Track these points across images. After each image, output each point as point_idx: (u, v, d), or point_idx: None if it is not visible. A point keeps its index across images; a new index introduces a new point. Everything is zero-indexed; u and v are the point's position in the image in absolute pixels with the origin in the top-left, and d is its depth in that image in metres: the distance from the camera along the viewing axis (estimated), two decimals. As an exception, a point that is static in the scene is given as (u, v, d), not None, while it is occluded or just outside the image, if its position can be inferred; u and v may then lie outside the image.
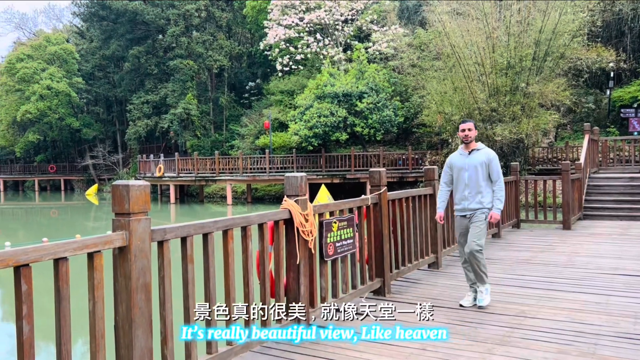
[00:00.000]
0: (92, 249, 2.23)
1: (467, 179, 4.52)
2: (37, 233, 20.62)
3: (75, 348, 2.12)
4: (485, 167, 4.49)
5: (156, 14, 33.90)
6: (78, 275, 2.58)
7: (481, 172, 4.48)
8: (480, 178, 4.49)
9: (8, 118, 39.92)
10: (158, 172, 28.47)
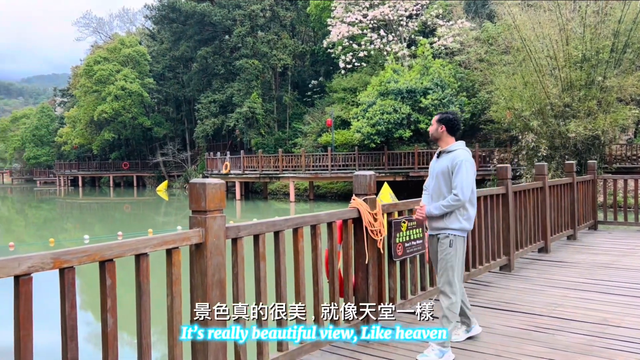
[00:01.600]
0: (171, 245, 2.29)
1: (432, 189, 3.59)
2: (112, 227, 21.74)
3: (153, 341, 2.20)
4: (447, 176, 3.43)
5: (223, 15, 34.79)
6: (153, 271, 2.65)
7: (443, 181, 3.46)
8: (443, 189, 3.46)
9: (86, 117, 42.32)
10: (224, 170, 29.24)
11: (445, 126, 3.51)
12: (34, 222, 26.34)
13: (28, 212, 31.79)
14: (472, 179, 3.45)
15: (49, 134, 58.29)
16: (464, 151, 3.48)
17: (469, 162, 3.42)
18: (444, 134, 3.52)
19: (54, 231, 21.88)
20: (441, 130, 3.53)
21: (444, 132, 3.52)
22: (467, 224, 3.46)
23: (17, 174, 67.94)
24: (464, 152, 3.47)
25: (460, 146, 3.51)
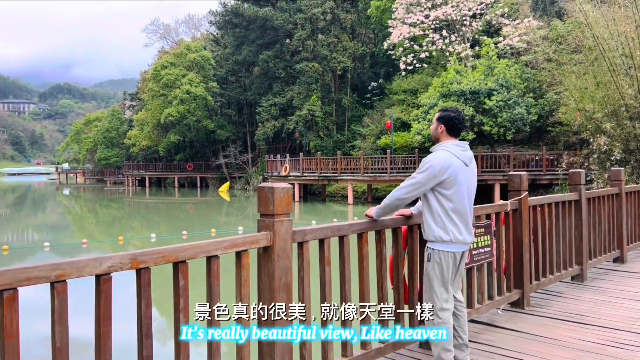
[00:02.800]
0: (240, 248, 2.33)
1: None
2: (177, 226, 22.53)
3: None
4: None
5: (284, 19, 35.30)
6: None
7: None
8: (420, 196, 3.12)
9: (153, 120, 44.11)
10: (284, 172, 29.64)
11: (444, 125, 3.09)
12: (104, 220, 27.72)
13: (99, 210, 33.50)
14: (423, 179, 2.96)
15: (118, 136, 61.20)
16: (441, 152, 3.02)
17: (430, 163, 2.97)
18: (444, 134, 3.10)
19: (123, 229, 22.94)
20: (440, 130, 3.11)
21: (443, 132, 3.10)
22: (442, 233, 2.98)
23: (89, 174, 71.72)
24: (438, 153, 3.03)
25: (443, 147, 3.04)
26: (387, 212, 3.09)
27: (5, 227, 25.65)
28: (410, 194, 3.00)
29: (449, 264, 3.02)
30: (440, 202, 3.01)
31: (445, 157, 2.99)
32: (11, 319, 1.64)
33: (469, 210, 3.10)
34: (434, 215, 3.03)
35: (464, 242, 3.06)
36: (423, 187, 2.99)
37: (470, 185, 3.11)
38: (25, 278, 1.67)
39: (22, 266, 1.68)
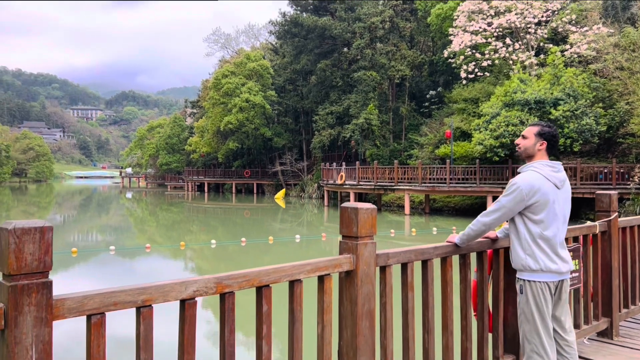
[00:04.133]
0: (323, 271, 2.21)
1: None
2: (234, 231, 22.87)
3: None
4: None
5: (343, 28, 35.39)
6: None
7: None
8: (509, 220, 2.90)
9: (213, 128, 45.22)
10: (339, 180, 29.56)
11: (547, 142, 2.84)
12: (164, 223, 28.54)
13: (159, 214, 34.57)
14: (509, 203, 2.73)
15: (179, 143, 63.18)
16: (530, 173, 2.76)
17: (517, 185, 2.72)
18: (541, 152, 2.84)
19: (182, 232, 23.52)
20: (540, 146, 2.84)
21: (542, 150, 2.84)
22: (531, 261, 2.74)
23: (151, 179, 74.40)
24: (526, 174, 2.77)
25: (532, 167, 2.79)
26: (471, 239, 2.90)
27: (73, 228, 26.90)
28: (497, 220, 2.80)
29: (543, 296, 2.76)
30: (529, 227, 2.78)
31: (534, 179, 2.75)
32: (98, 345, 1.59)
33: (562, 236, 2.84)
34: (522, 242, 2.81)
35: (557, 272, 2.79)
36: (510, 211, 2.78)
37: (564, 209, 2.85)
38: (113, 303, 1.61)
39: (109, 290, 1.62)
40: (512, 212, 2.79)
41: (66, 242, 19.82)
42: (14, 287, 1.41)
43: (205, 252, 15.67)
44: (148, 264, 14.23)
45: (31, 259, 1.44)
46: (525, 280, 2.81)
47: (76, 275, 12.54)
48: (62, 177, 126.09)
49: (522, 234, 2.80)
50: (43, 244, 1.46)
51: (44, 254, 1.46)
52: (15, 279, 1.42)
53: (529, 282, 2.80)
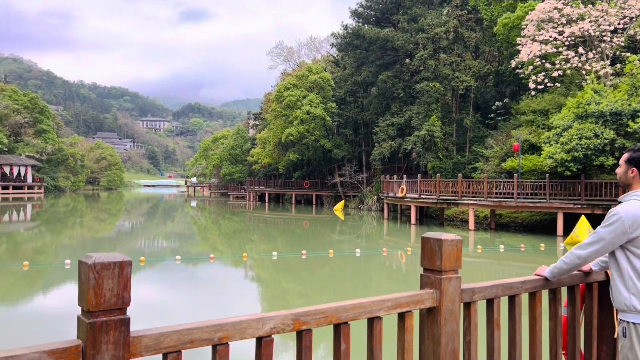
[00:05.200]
0: (404, 308, 2.06)
1: None
2: (293, 242, 22.98)
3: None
4: None
5: (405, 39, 35.08)
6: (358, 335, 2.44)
7: None
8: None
9: (275, 139, 45.93)
10: (400, 193, 29.11)
11: (636, 168, 2.60)
12: (226, 232, 29.12)
13: (222, 223, 35.36)
14: (609, 235, 2.47)
15: (242, 153, 64.63)
16: (632, 202, 2.52)
17: (618, 216, 2.47)
18: (636, 179, 2.60)
19: (243, 241, 23.89)
20: (632, 174, 2.61)
21: (635, 177, 2.60)
22: (636, 301, 2.47)
23: (215, 188, 76.45)
24: (628, 204, 2.52)
25: (635, 196, 2.54)
26: (564, 273, 2.65)
27: (141, 234, 27.96)
28: (594, 253, 2.55)
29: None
30: (632, 263, 2.51)
31: (638, 209, 2.50)
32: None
33: None
34: (625, 279, 2.53)
35: None
36: (609, 244, 2.52)
37: None
38: (189, 340, 1.54)
39: (186, 327, 1.55)
40: (612, 245, 2.53)
41: (135, 249, 20.59)
42: (93, 325, 1.36)
43: (267, 263, 15.78)
44: (212, 275, 14.47)
45: (110, 294, 1.38)
46: (630, 323, 2.52)
47: (144, 285, 12.92)
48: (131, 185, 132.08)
49: (625, 270, 2.53)
50: (122, 279, 1.40)
51: (122, 290, 1.41)
52: (94, 316, 1.37)
53: (634, 324, 2.50)
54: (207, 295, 11.66)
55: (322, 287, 12.60)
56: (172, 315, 9.65)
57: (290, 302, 11.15)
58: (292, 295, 11.84)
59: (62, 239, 23.81)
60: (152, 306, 10.22)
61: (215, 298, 11.38)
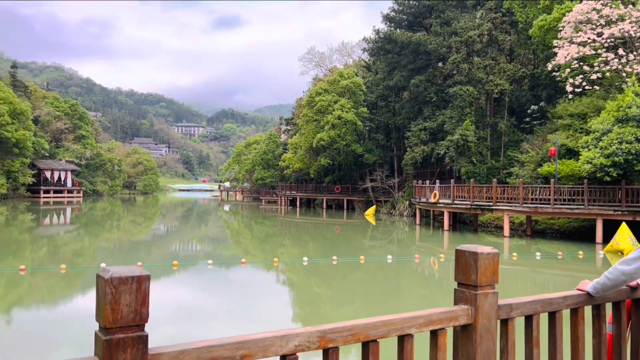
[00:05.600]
0: (437, 325, 1.95)
1: None
2: (324, 247, 22.90)
3: None
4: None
5: (438, 43, 34.70)
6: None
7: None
8: None
9: (306, 144, 46.04)
10: (433, 198, 28.70)
11: None
12: (258, 236, 29.28)
13: (254, 227, 35.59)
14: None
15: (274, 158, 65.04)
16: None
17: None
18: None
19: (274, 246, 23.96)
20: None
21: None
22: None
23: (247, 193, 77.12)
24: None
25: None
26: (607, 290, 2.49)
27: (175, 238, 28.39)
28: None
29: None
30: None
31: None
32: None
33: None
34: None
35: None
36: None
37: None
38: (210, 358, 1.48)
39: (207, 344, 1.49)
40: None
41: (169, 252, 20.90)
42: (109, 342, 1.31)
43: (298, 268, 15.74)
44: (243, 280, 14.52)
45: (127, 310, 1.33)
46: None
47: (176, 289, 13.05)
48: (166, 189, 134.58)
49: None
50: (140, 294, 1.35)
51: (140, 306, 1.35)
52: (110, 332, 1.32)
53: None
54: (236, 300, 11.68)
55: (353, 294, 12.47)
56: (200, 320, 9.69)
57: (320, 308, 11.07)
58: (322, 301, 11.76)
59: (100, 242, 24.36)
60: (181, 310, 10.29)
61: (245, 303, 11.39)
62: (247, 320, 9.84)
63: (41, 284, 13.10)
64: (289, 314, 10.78)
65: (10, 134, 57.04)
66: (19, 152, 59.72)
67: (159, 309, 9.99)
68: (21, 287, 12.79)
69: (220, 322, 9.59)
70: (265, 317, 10.15)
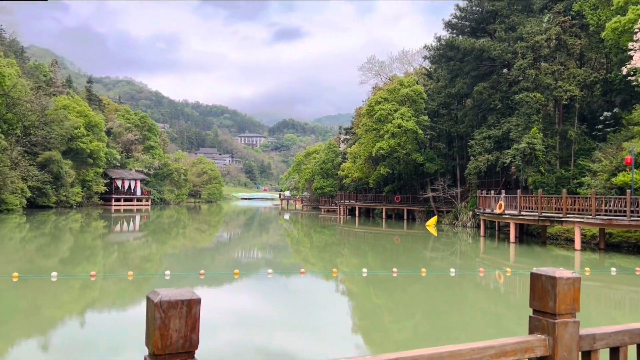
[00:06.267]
0: (510, 357, 1.77)
1: None
2: (383, 257, 22.56)
3: None
4: None
5: (503, 48, 33.66)
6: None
7: None
8: None
9: (365, 153, 45.80)
10: (498, 209, 27.69)
11: None
12: (317, 245, 29.33)
13: (313, 235, 35.70)
14: None
15: (333, 168, 65.21)
16: None
17: None
18: None
19: (333, 255, 23.88)
20: None
21: None
22: None
23: (307, 202, 77.72)
24: None
25: None
26: None
27: (237, 245, 28.95)
28: None
29: None
30: None
31: None
32: None
33: None
34: None
35: None
36: None
37: None
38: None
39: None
40: None
41: (231, 259, 21.29)
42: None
43: (357, 280, 15.56)
44: (302, 289, 14.50)
45: (177, 336, 1.27)
46: None
47: (237, 297, 13.21)
48: (229, 198, 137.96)
49: None
50: (190, 319, 1.28)
51: (190, 331, 1.28)
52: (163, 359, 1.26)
53: None
54: (295, 310, 11.65)
55: (413, 307, 12.14)
56: (257, 330, 9.71)
57: (379, 321, 10.84)
58: (381, 313, 11.51)
59: (166, 249, 25.19)
60: (240, 320, 10.36)
61: (303, 313, 11.34)
62: (305, 330, 9.78)
63: (110, 289, 13.65)
64: (347, 325, 10.62)
65: (85, 145, 60.42)
66: (92, 163, 63.11)
67: (222, 315, 10.12)
68: (92, 292, 13.37)
69: (279, 332, 9.57)
70: (324, 328, 10.04)
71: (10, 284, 12.87)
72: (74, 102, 62.78)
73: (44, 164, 52.96)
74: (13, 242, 25.23)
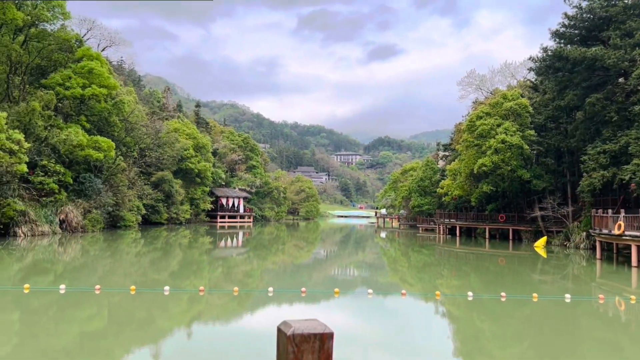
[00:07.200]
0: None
1: None
2: (487, 279, 21.46)
3: None
4: None
5: (619, 57, 31.16)
6: None
7: None
8: None
9: (466, 170, 44.28)
10: (617, 230, 25.39)
11: None
12: (415, 264, 28.61)
13: (411, 255, 34.95)
14: None
15: (431, 185, 63.77)
16: None
17: None
18: None
19: (433, 276, 23.14)
20: None
21: None
22: None
23: (403, 220, 76.56)
24: None
25: None
26: None
27: (335, 262, 29.06)
28: None
29: None
30: None
31: None
32: None
33: None
34: None
35: None
36: None
37: None
38: None
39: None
40: None
41: (329, 276, 21.40)
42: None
43: (461, 303, 14.90)
44: (405, 312, 14.15)
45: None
46: None
47: (338, 316, 13.18)
48: (326, 215, 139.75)
49: None
50: (322, 354, 1.21)
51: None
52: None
53: None
54: (398, 332, 11.36)
55: (522, 334, 11.34)
56: (362, 351, 9.55)
57: (485, 347, 10.24)
58: (487, 338, 10.88)
59: (267, 264, 25.91)
60: (346, 340, 10.26)
61: (407, 336, 11.01)
62: (411, 354, 9.48)
63: (216, 302, 14.22)
64: (449, 349, 10.15)
65: (193, 165, 64.33)
66: (200, 182, 66.95)
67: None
68: (199, 305, 14.00)
69: (386, 355, 9.36)
70: (427, 352, 9.68)
71: (128, 296, 13.84)
72: (183, 126, 67.28)
73: (157, 183, 57.01)
74: (129, 257, 27.26)
